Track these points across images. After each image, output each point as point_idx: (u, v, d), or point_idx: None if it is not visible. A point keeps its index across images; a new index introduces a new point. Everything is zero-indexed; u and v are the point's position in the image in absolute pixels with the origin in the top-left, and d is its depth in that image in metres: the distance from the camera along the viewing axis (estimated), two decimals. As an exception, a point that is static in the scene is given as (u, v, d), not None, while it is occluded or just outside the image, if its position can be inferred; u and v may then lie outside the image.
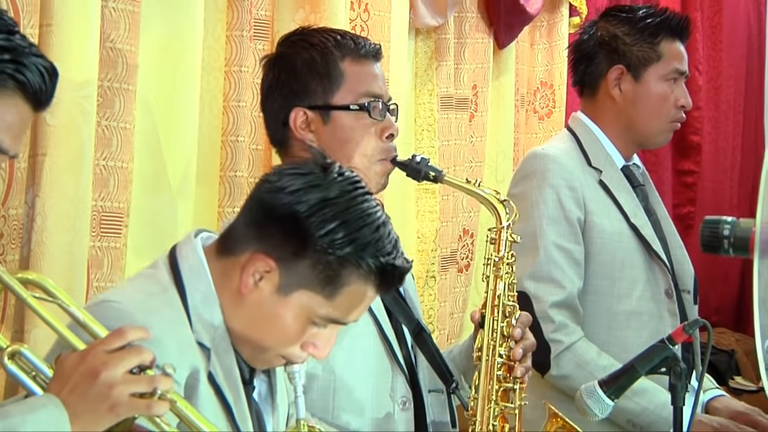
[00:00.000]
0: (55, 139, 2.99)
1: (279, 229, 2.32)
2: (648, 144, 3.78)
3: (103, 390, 1.88)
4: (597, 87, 3.69)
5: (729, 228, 1.96)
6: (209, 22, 3.58)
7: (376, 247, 2.26)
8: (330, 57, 2.92)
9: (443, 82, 4.92)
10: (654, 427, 3.42)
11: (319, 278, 2.29)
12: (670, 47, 3.67)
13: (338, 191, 2.31)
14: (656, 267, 3.61)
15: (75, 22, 3.03)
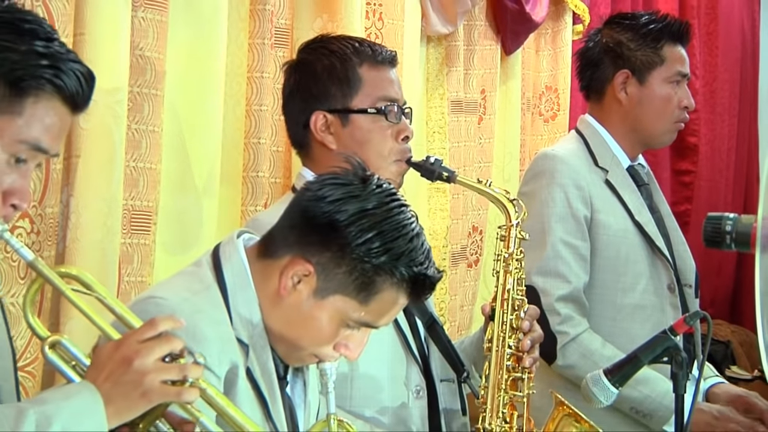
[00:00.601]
0: (89, 142, 3.00)
1: (318, 236, 2.33)
2: (654, 144, 3.78)
3: (136, 377, 1.87)
4: (603, 91, 3.69)
5: (731, 224, 1.96)
6: (232, 31, 3.58)
7: (410, 257, 2.28)
8: (349, 63, 2.92)
9: (453, 87, 4.93)
10: (656, 414, 3.42)
11: (354, 284, 2.31)
12: (672, 51, 3.67)
13: (376, 202, 2.32)
14: (659, 262, 3.61)
15: (106, 31, 3.04)
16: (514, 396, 2.89)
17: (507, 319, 2.90)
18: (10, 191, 1.96)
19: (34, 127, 1.96)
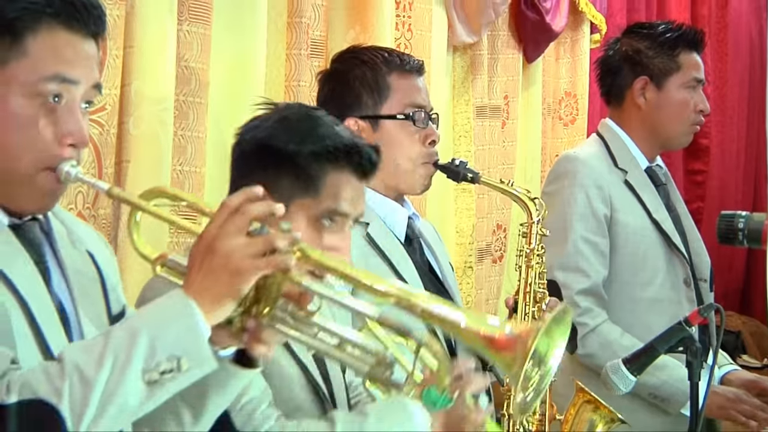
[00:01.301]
0: (138, 148, 3.01)
1: (255, 165, 2.30)
2: (671, 146, 3.79)
3: (222, 260, 1.72)
4: (623, 97, 3.69)
5: (743, 221, 1.97)
6: (271, 43, 3.59)
7: (326, 134, 2.23)
8: (379, 72, 2.93)
9: (478, 93, 4.93)
10: (674, 399, 3.42)
11: (299, 185, 2.25)
12: (688, 58, 3.66)
13: (287, 113, 2.36)
14: (675, 258, 3.61)
15: (154, 44, 3.06)
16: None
17: (529, 310, 2.92)
18: (63, 131, 1.86)
19: (45, 61, 1.85)
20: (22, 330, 1.80)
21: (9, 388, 1.67)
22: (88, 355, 1.70)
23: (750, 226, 1.94)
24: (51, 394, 1.66)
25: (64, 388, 1.66)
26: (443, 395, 1.74)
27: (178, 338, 1.71)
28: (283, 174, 2.29)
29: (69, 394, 1.66)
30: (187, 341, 1.72)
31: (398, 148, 2.91)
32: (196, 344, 1.73)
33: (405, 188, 2.98)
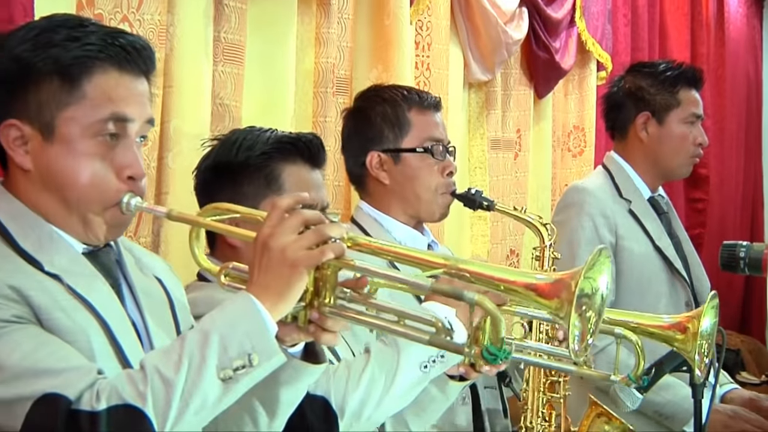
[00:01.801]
0: (176, 180, 3.01)
1: (215, 188, 2.38)
2: (672, 176, 3.78)
3: (279, 255, 1.75)
4: (627, 131, 3.69)
5: (744, 251, 1.97)
6: (299, 81, 3.60)
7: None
8: (399, 108, 2.94)
9: (492, 127, 4.93)
10: (677, 417, 3.40)
11: (262, 185, 2.33)
12: (688, 95, 3.66)
13: (224, 139, 2.46)
14: (678, 283, 3.60)
15: (191, 83, 3.08)
16: (552, 397, 2.89)
17: (543, 329, 2.90)
18: (120, 166, 1.89)
19: (101, 103, 1.88)
20: (103, 348, 1.84)
21: (98, 396, 1.70)
22: (166, 359, 1.73)
23: (751, 255, 1.94)
24: (136, 398, 1.69)
25: (147, 392, 1.69)
26: (502, 348, 1.73)
27: (247, 335, 1.74)
28: (243, 184, 2.38)
29: (152, 397, 1.70)
30: (255, 337, 1.74)
31: (418, 179, 2.92)
32: (263, 339, 1.75)
33: (425, 216, 2.98)
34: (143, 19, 2.91)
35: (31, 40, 1.90)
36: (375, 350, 2.31)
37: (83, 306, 1.85)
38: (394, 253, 1.88)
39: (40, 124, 1.89)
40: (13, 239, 1.87)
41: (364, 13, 3.92)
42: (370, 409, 2.29)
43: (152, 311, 2.00)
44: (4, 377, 1.72)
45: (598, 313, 1.74)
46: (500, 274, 1.78)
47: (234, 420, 1.99)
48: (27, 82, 1.89)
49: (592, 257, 1.74)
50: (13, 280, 1.79)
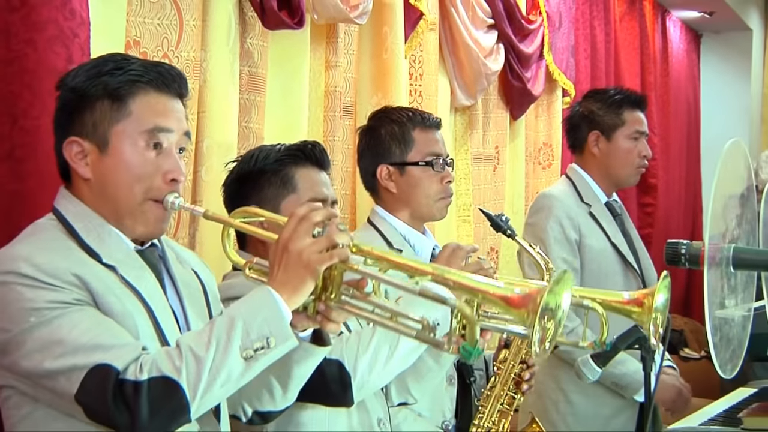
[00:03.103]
0: (208, 190, 3.00)
1: (239, 195, 2.38)
2: (623, 184, 3.76)
3: (296, 257, 1.76)
4: (583, 147, 3.67)
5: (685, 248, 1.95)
6: (312, 107, 3.59)
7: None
8: (404, 128, 2.92)
9: (474, 144, 4.92)
10: (630, 387, 3.40)
11: (280, 189, 2.33)
12: (632, 115, 3.64)
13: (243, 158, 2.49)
14: (630, 273, 3.58)
15: (221, 109, 3.07)
16: (506, 409, 2.83)
17: (521, 354, 2.85)
18: (164, 171, 1.90)
19: (145, 117, 1.89)
20: (147, 330, 1.85)
21: (141, 368, 1.72)
22: (198, 339, 1.74)
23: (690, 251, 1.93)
24: (173, 371, 1.71)
25: (182, 366, 1.71)
26: (475, 347, 1.73)
27: (266, 322, 1.75)
28: (264, 186, 2.38)
29: (186, 370, 1.71)
30: (273, 324, 1.75)
31: (420, 187, 2.89)
32: (280, 326, 1.76)
33: (427, 218, 2.95)
34: (180, 56, 2.91)
35: (84, 73, 1.92)
36: None
37: (133, 294, 1.86)
38: (390, 261, 1.85)
39: (96, 139, 1.90)
40: (77, 235, 1.89)
41: (366, 49, 3.92)
42: (377, 370, 2.28)
43: (189, 299, 2.01)
44: (65, 350, 1.73)
45: (557, 327, 1.72)
46: (477, 285, 1.76)
47: (254, 393, 2.02)
48: (83, 106, 1.90)
49: (558, 276, 1.72)
50: (76, 269, 1.80)
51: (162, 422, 1.73)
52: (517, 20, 4.98)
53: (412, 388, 2.56)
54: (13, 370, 1.79)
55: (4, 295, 1.77)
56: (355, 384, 2.27)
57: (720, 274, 1.89)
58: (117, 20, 2.76)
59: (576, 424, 3.49)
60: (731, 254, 1.89)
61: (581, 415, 3.50)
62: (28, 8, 2.31)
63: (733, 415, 3.27)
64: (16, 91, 2.31)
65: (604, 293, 2.10)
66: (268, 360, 1.77)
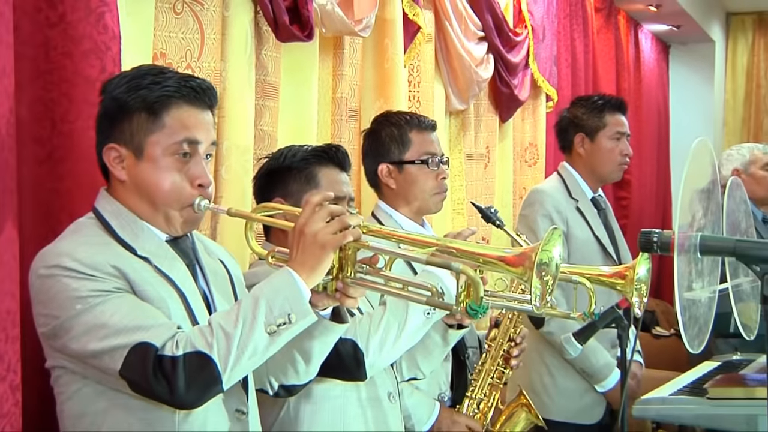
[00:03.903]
0: (228, 187, 2.99)
1: (268, 188, 2.36)
2: (607, 180, 3.77)
3: (312, 239, 1.76)
4: (571, 148, 3.68)
5: (657, 236, 1.93)
6: (321, 111, 3.58)
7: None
8: (403, 129, 2.90)
9: (467, 145, 4.90)
10: (595, 377, 3.47)
11: (304, 184, 2.30)
12: (613, 118, 3.65)
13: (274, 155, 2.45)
14: (609, 261, 3.58)
15: (239, 113, 3.05)
16: (497, 382, 2.83)
17: (509, 333, 2.84)
18: (192, 177, 1.90)
19: (177, 129, 1.89)
20: (180, 313, 1.86)
21: (177, 345, 1.73)
22: (227, 318, 1.75)
23: (662, 239, 1.92)
24: (205, 346, 1.72)
25: (213, 342, 1.72)
26: (481, 305, 1.74)
27: (287, 300, 1.75)
28: (290, 182, 2.37)
29: (217, 345, 1.72)
30: (293, 301, 1.76)
31: (417, 184, 2.87)
32: (300, 303, 1.76)
33: (424, 211, 2.93)
34: (202, 66, 2.91)
35: (125, 84, 1.92)
36: (390, 303, 2.29)
37: (166, 281, 1.87)
38: (399, 236, 1.88)
39: (132, 146, 1.91)
40: (114, 231, 1.89)
41: (369, 59, 3.90)
42: (388, 347, 2.27)
43: (217, 285, 2.01)
44: (108, 332, 1.74)
45: (554, 277, 1.73)
46: (478, 250, 1.78)
47: (280, 367, 2.02)
48: (122, 116, 1.91)
49: (547, 234, 1.72)
50: (114, 261, 1.82)
51: (197, 392, 1.74)
52: (505, 33, 4.97)
53: (421, 364, 2.55)
54: (63, 352, 1.81)
55: (52, 286, 1.79)
56: (368, 361, 2.26)
57: (688, 260, 1.88)
58: (145, 34, 2.76)
59: (557, 395, 3.49)
60: (698, 242, 1.88)
61: (561, 387, 3.50)
62: (65, 24, 2.30)
63: (700, 386, 3.26)
64: (55, 98, 2.30)
65: (590, 269, 2.11)
66: (290, 334, 1.78)
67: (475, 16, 4.71)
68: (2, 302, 2.01)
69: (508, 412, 2.88)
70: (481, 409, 2.81)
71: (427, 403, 2.77)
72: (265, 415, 2.14)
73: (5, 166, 2.05)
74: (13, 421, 2.04)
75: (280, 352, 1.83)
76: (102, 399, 1.81)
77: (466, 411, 2.79)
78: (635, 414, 3.11)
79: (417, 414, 2.72)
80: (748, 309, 2.21)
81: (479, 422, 2.78)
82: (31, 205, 2.23)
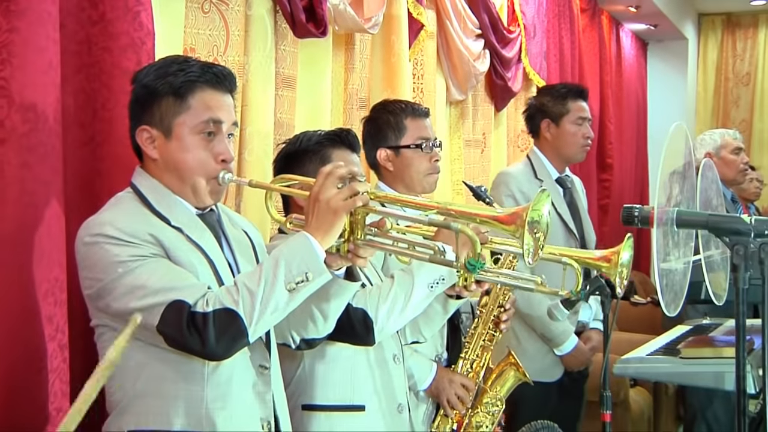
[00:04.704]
0: (250, 168, 2.98)
1: (287, 167, 2.32)
2: (572, 161, 3.71)
3: (325, 205, 1.76)
4: (538, 132, 3.65)
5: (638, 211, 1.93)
6: (334, 101, 3.56)
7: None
8: (398, 116, 2.85)
9: (466, 131, 4.87)
10: (553, 341, 3.48)
11: (319, 164, 2.23)
12: (575, 104, 3.61)
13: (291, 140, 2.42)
14: (570, 237, 3.57)
15: (260, 103, 3.04)
16: (487, 344, 2.82)
17: (499, 299, 2.83)
18: (216, 153, 1.89)
19: (201, 111, 1.88)
20: (208, 277, 1.86)
21: (207, 302, 1.74)
22: (251, 278, 1.75)
23: (642, 214, 1.91)
24: (232, 303, 1.73)
25: (239, 299, 1.73)
26: (478, 261, 1.74)
27: (304, 260, 1.75)
28: (306, 163, 2.34)
29: (242, 302, 1.72)
30: (310, 261, 1.75)
31: (412, 166, 2.83)
32: (316, 262, 1.76)
33: (419, 191, 2.90)
34: (227, 60, 2.89)
35: (153, 73, 1.92)
36: (397, 276, 2.28)
37: (196, 249, 1.87)
38: (403, 200, 1.89)
39: (162, 128, 1.90)
40: (150, 204, 1.90)
41: (377, 54, 3.88)
42: (395, 316, 2.26)
43: (241, 253, 2.01)
44: (146, 292, 1.75)
45: (545, 234, 1.72)
46: (474, 211, 1.78)
47: (301, 323, 2.01)
48: (152, 101, 1.90)
49: (536, 196, 1.71)
50: (150, 230, 1.82)
51: (226, 345, 1.75)
52: (500, 31, 4.94)
53: (423, 330, 2.54)
54: (106, 311, 1.81)
55: (96, 252, 1.79)
56: (377, 328, 2.25)
57: (665, 232, 1.87)
58: (176, 31, 2.75)
59: (521, 356, 3.44)
60: (675, 216, 1.88)
61: (525, 349, 3.45)
62: (105, 22, 2.31)
63: (674, 347, 3.26)
64: (96, 88, 2.30)
65: (580, 252, 2.10)
66: (308, 291, 1.78)
67: (473, 15, 4.68)
68: (51, 270, 2.02)
69: (498, 371, 2.87)
70: (474, 369, 2.80)
71: (425, 364, 2.77)
72: (284, 372, 2.14)
73: (52, 149, 2.06)
74: (61, 376, 2.06)
75: (300, 309, 1.84)
76: (140, 353, 1.81)
77: (460, 370, 2.79)
78: (615, 372, 3.10)
79: (417, 374, 2.72)
80: (718, 278, 2.20)
81: (472, 380, 2.78)
82: (75, 182, 2.23)
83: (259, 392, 1.91)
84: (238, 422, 1.86)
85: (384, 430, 2.36)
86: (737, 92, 9.01)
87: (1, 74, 1.97)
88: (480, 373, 2.80)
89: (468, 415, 2.78)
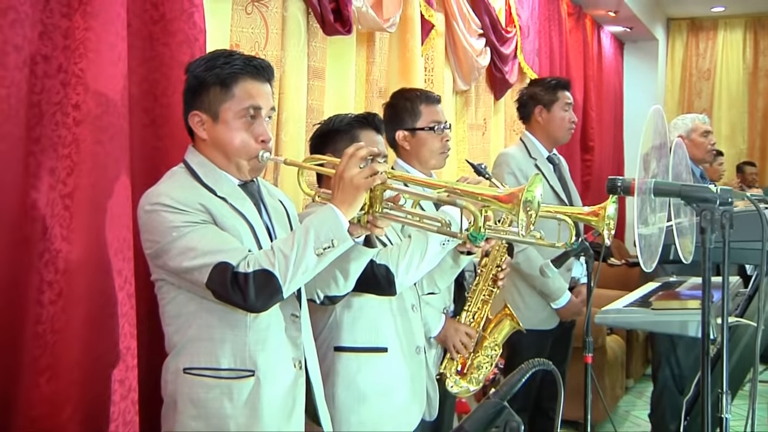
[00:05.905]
0: (286, 148, 2.97)
1: (321, 146, 2.29)
2: (559, 142, 3.61)
3: (348, 182, 1.73)
4: (530, 118, 3.57)
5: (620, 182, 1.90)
6: (357, 91, 3.54)
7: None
8: (414, 103, 2.80)
9: (469, 117, 4.84)
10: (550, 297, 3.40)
11: (347, 143, 2.17)
12: (563, 93, 3.54)
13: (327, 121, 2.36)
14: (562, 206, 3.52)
15: (293, 91, 3.02)
16: (487, 299, 2.80)
17: (497, 260, 2.80)
18: (257, 135, 1.85)
19: (244, 98, 1.84)
20: (249, 240, 1.84)
21: (248, 264, 1.72)
22: (285, 243, 1.73)
23: (624, 184, 1.88)
24: (269, 265, 1.71)
25: (275, 261, 1.71)
26: (479, 233, 1.73)
27: (331, 229, 1.73)
28: (338, 141, 2.29)
29: (278, 264, 1.71)
30: (336, 230, 1.73)
31: (426, 146, 2.78)
32: (340, 231, 1.73)
33: (431, 167, 2.86)
34: (267, 54, 2.87)
35: (203, 65, 1.89)
36: (414, 236, 2.26)
37: (239, 216, 1.85)
38: (415, 180, 1.86)
39: (210, 113, 1.88)
40: (199, 178, 1.87)
41: (394, 50, 3.84)
42: (413, 270, 2.23)
43: (277, 219, 1.98)
44: (197, 254, 1.73)
45: (536, 212, 1.69)
46: (477, 190, 1.74)
47: (325, 282, 1.99)
48: (202, 89, 1.87)
49: (531, 179, 1.68)
50: (200, 200, 1.81)
51: (264, 300, 1.74)
52: (499, 31, 4.89)
53: (438, 281, 2.52)
54: (164, 268, 1.81)
55: (154, 218, 1.78)
56: (397, 281, 2.23)
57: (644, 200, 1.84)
58: (224, 30, 2.74)
59: (524, 308, 3.42)
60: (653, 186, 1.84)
61: (527, 302, 3.42)
62: (165, 21, 2.29)
63: (646, 300, 3.23)
64: (157, 78, 2.28)
65: (572, 209, 2.05)
66: (333, 255, 1.76)
67: (476, 17, 4.63)
68: (120, 231, 2.03)
69: (495, 321, 2.86)
70: (475, 319, 2.79)
71: (436, 315, 2.76)
72: (317, 321, 2.13)
73: (120, 130, 2.06)
74: (129, 320, 2.08)
75: (325, 270, 1.82)
76: (192, 303, 1.81)
77: (464, 320, 2.78)
78: (596, 321, 3.09)
79: (428, 323, 2.72)
80: (686, 242, 2.17)
81: (474, 329, 2.77)
82: (139, 158, 2.23)
83: (292, 336, 1.91)
84: (275, 361, 1.86)
85: (404, 369, 2.36)
86: (699, 86, 8.94)
87: (79, 66, 1.97)
88: (480, 323, 2.80)
89: (471, 357, 2.78)
